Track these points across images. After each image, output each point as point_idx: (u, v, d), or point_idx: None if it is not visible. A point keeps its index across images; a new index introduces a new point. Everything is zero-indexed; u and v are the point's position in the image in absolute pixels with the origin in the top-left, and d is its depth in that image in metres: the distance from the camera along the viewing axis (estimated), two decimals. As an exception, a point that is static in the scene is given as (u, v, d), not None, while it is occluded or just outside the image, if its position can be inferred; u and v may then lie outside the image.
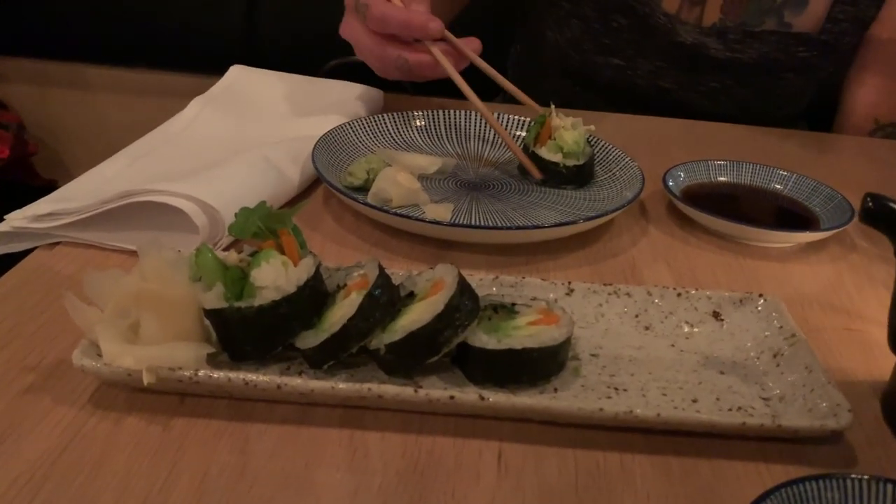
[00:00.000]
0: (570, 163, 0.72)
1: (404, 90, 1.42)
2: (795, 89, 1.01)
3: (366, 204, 0.64)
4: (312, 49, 1.48)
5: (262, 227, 0.47)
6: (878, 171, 0.87)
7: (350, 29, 0.76)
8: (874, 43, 0.96)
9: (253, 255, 0.47)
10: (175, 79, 1.63)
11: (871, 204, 0.45)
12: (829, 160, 0.90)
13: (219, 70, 0.89)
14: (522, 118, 0.81)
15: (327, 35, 1.49)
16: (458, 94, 0.97)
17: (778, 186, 0.74)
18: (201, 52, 1.57)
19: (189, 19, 1.60)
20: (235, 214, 0.48)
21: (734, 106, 1.00)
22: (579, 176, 0.73)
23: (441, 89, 1.06)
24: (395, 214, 0.62)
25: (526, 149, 0.74)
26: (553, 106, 0.74)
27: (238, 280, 0.45)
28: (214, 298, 0.45)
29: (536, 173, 0.72)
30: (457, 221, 0.65)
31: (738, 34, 0.94)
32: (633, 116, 0.96)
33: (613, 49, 0.98)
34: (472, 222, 0.66)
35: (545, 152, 0.73)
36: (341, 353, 0.45)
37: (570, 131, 0.72)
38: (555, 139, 0.73)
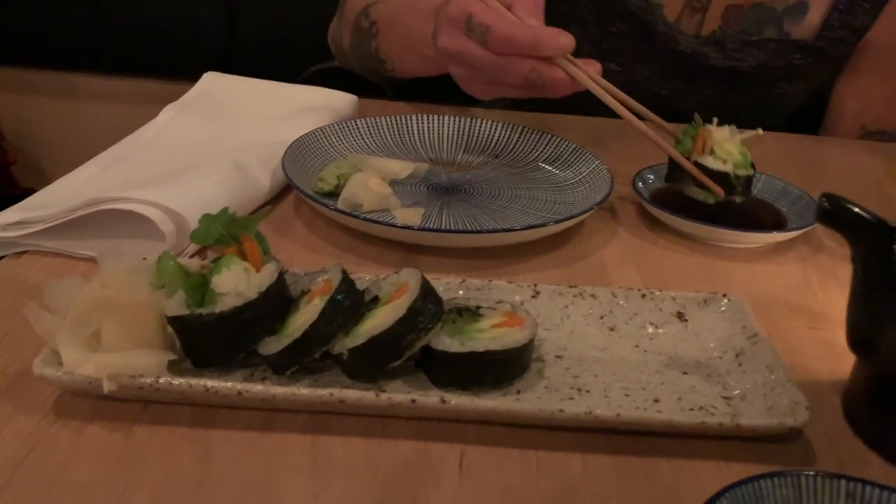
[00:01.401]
0: (742, 173, 0.68)
1: (384, 95, 1.42)
2: (789, 97, 1.02)
3: (335, 209, 0.64)
4: (293, 55, 1.48)
5: (225, 233, 0.47)
6: (859, 173, 0.88)
7: (459, 44, 0.68)
8: (864, 51, 0.97)
9: (216, 261, 0.47)
10: (156, 86, 1.62)
11: (826, 204, 0.45)
12: (810, 162, 0.91)
13: (200, 77, 0.89)
14: None
15: (308, 41, 1.50)
16: (436, 100, 0.97)
17: (747, 187, 0.74)
18: (182, 60, 1.57)
19: (169, 27, 1.60)
20: (199, 221, 0.48)
21: (729, 113, 1.00)
22: (747, 187, 0.69)
23: (421, 94, 1.06)
24: (365, 219, 0.63)
25: (687, 159, 0.69)
26: (697, 116, 0.71)
27: (199, 287, 0.46)
28: (176, 305, 0.45)
29: (719, 190, 0.67)
30: (427, 226, 0.65)
31: (736, 43, 0.94)
32: (611, 120, 0.96)
33: (611, 54, 0.98)
34: (443, 226, 0.66)
35: (712, 163, 0.68)
36: (304, 359, 0.45)
37: (731, 142, 0.69)
38: (715, 152, 0.69)
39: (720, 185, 0.68)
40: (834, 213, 0.45)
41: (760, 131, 0.71)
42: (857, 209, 0.45)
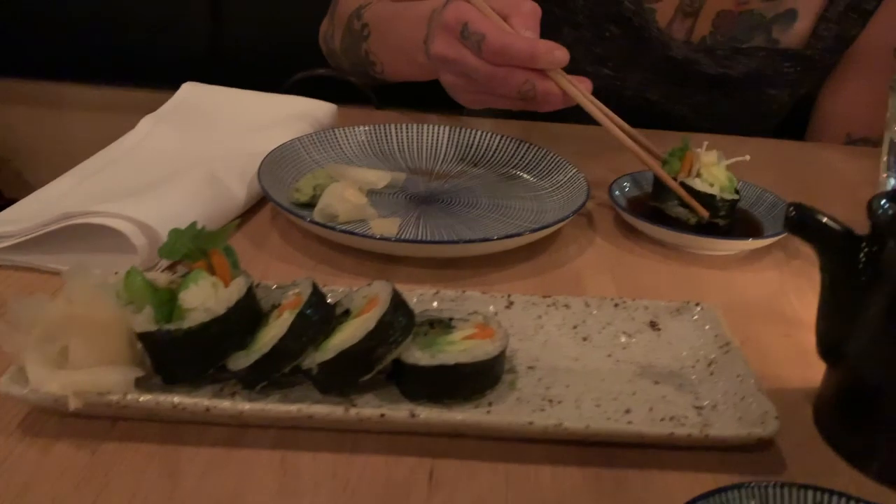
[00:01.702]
0: (728, 197, 0.69)
1: (369, 102, 1.42)
2: (779, 104, 1.03)
3: (311, 221, 0.64)
4: (278, 63, 1.48)
5: (193, 247, 0.47)
6: (835, 177, 0.88)
7: (452, 51, 0.67)
8: (849, 57, 0.98)
9: (185, 276, 0.47)
10: (141, 94, 1.62)
11: (794, 213, 0.46)
12: (788, 167, 0.91)
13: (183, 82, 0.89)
14: None
15: (292, 48, 1.50)
16: (423, 106, 0.97)
17: (723, 194, 0.74)
18: (166, 67, 1.57)
19: (154, 34, 1.60)
20: (167, 235, 0.48)
21: (719, 118, 1.01)
22: (731, 211, 0.69)
23: (408, 100, 1.06)
24: (341, 231, 0.63)
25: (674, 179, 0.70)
26: (685, 138, 0.72)
27: (167, 302, 0.45)
28: (144, 321, 0.45)
29: (704, 212, 0.68)
30: (403, 236, 0.65)
31: (726, 50, 0.95)
32: (595, 127, 0.96)
33: (604, 59, 0.98)
34: (419, 236, 0.66)
35: (699, 185, 0.68)
36: (273, 374, 0.45)
37: (717, 166, 0.69)
38: (702, 175, 0.69)
39: (705, 207, 0.68)
40: (801, 223, 0.45)
41: (748, 157, 0.71)
42: (824, 219, 0.45)
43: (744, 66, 0.96)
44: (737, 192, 0.70)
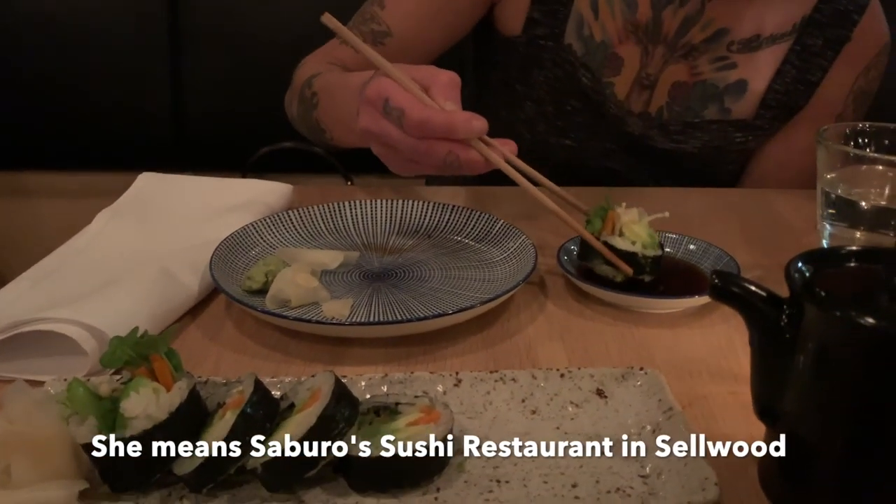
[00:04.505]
0: (650, 253, 0.70)
1: (335, 171, 1.43)
2: (733, 176, 1.06)
3: (262, 310, 0.64)
4: (242, 137, 1.51)
5: (134, 354, 0.48)
6: (779, 224, 0.91)
7: (376, 125, 0.69)
8: (804, 112, 1.00)
9: (127, 383, 0.47)
10: (108, 178, 1.63)
11: (717, 282, 0.47)
12: (732, 216, 0.93)
13: (151, 164, 0.91)
14: None
15: (257, 122, 1.52)
16: (388, 172, 0.98)
17: (669, 250, 0.76)
18: (130, 150, 1.59)
19: (115, 118, 1.62)
20: (109, 344, 0.49)
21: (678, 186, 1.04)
22: (655, 266, 0.70)
23: (376, 167, 1.07)
24: (293, 319, 0.63)
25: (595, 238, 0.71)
26: (608, 198, 0.73)
27: (109, 412, 0.46)
28: (87, 432, 0.45)
29: (628, 269, 0.69)
30: (355, 318, 0.66)
31: (679, 125, 0.99)
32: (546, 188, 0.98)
33: (566, 131, 1.01)
34: (371, 316, 0.67)
35: (621, 243, 0.70)
36: (219, 476, 0.46)
37: (638, 224, 0.70)
38: (623, 233, 0.70)
39: (629, 264, 0.69)
40: (725, 291, 0.47)
41: (667, 214, 0.72)
42: (748, 285, 0.47)
43: (696, 140, 1.00)
44: (661, 246, 0.71)
